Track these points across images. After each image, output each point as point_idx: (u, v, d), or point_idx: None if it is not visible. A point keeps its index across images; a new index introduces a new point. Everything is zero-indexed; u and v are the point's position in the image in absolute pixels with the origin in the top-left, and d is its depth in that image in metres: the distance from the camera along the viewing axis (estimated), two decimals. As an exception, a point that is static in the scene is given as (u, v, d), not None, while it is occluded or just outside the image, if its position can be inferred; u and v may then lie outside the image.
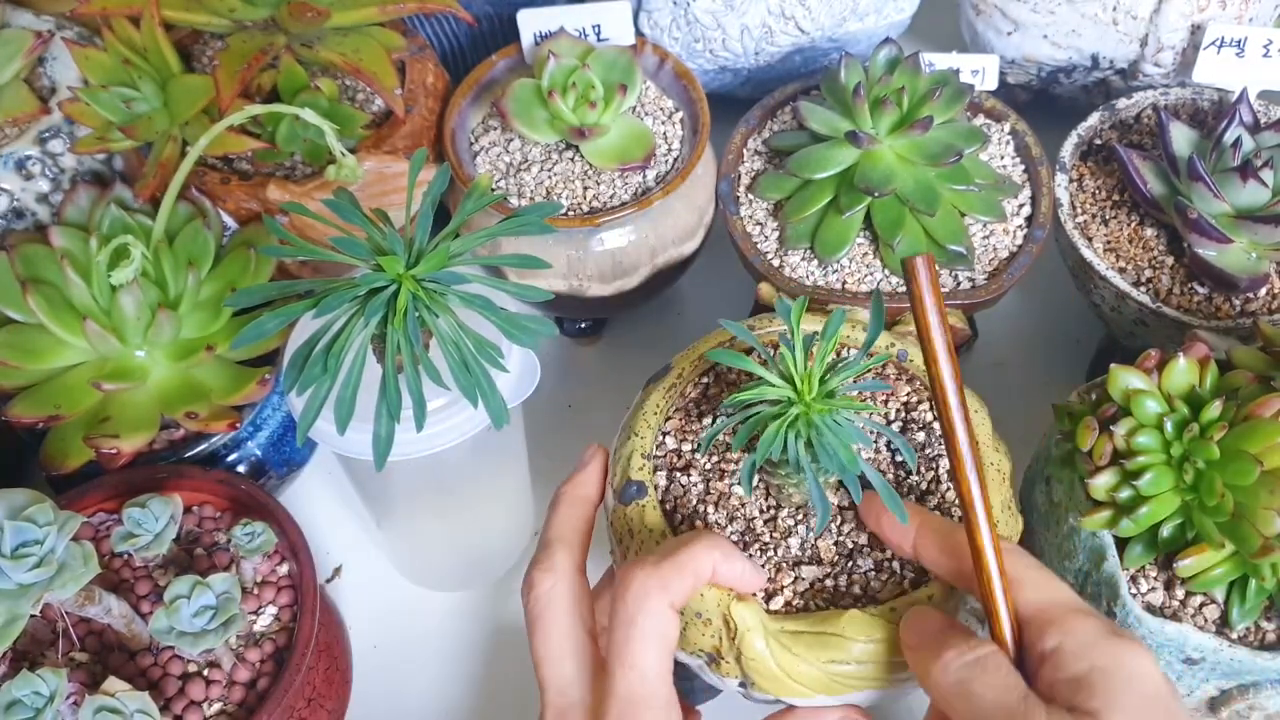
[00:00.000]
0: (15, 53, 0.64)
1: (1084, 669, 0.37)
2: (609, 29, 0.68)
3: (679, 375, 0.53)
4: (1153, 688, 0.37)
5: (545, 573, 0.43)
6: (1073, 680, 0.37)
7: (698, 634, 0.46)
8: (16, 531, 0.43)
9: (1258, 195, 0.58)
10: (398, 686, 0.61)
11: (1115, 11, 0.69)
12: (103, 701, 0.44)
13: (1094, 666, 0.37)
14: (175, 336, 0.56)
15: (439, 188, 0.46)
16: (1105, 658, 0.37)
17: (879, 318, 0.44)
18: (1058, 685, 0.37)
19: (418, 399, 0.44)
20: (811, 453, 0.43)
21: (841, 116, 0.61)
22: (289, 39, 0.64)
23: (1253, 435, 0.45)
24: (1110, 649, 0.37)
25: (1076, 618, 0.39)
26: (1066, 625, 0.39)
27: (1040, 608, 0.40)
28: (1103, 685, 0.36)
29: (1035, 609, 0.40)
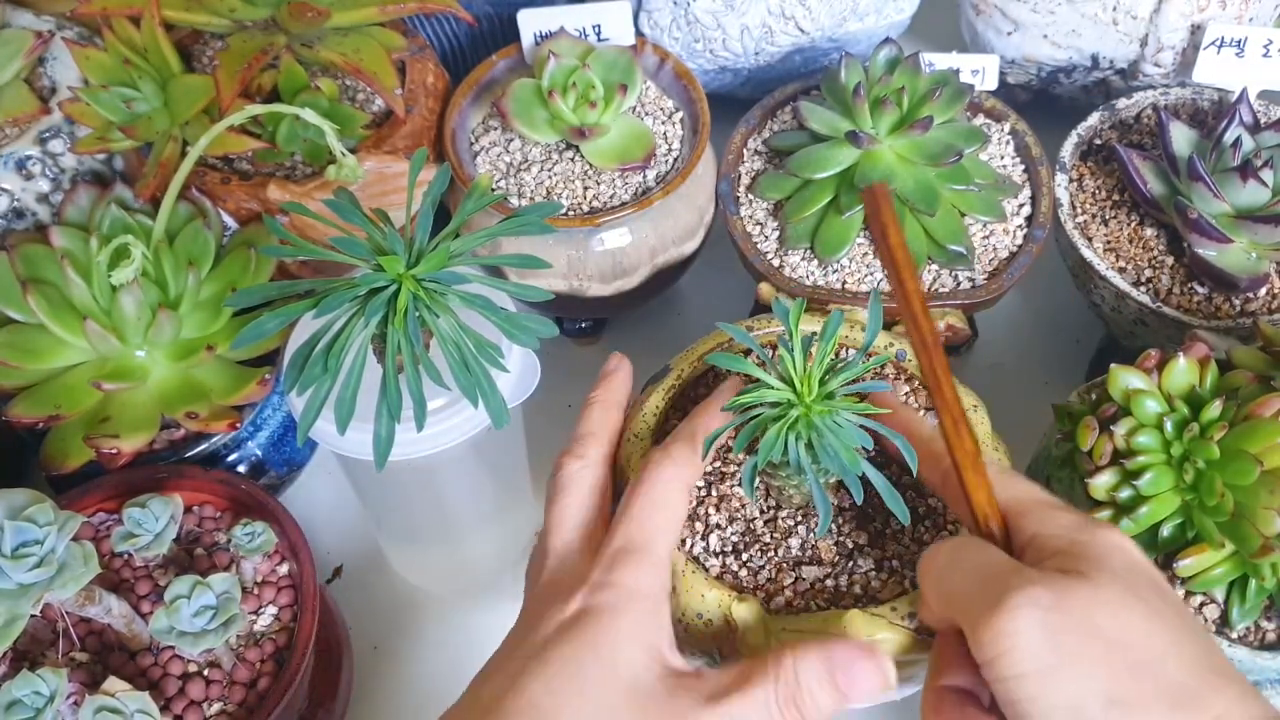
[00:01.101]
0: (15, 53, 0.64)
1: (1067, 544, 0.38)
2: (609, 29, 0.68)
3: (678, 377, 0.53)
4: (1134, 557, 0.38)
5: (576, 458, 0.46)
6: (1056, 554, 0.38)
7: (699, 634, 0.46)
8: (17, 531, 0.43)
9: (1258, 195, 0.58)
10: (398, 686, 0.61)
11: (1115, 11, 0.69)
12: (103, 701, 0.44)
13: (1075, 540, 0.38)
14: (175, 336, 0.56)
15: (439, 188, 0.46)
16: (1084, 534, 0.39)
17: (877, 318, 0.44)
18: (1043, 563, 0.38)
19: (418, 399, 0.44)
20: (812, 454, 0.43)
21: (841, 116, 0.61)
22: (289, 39, 0.64)
23: (1253, 435, 0.45)
24: (1088, 527, 0.39)
25: (1052, 509, 0.41)
26: (1043, 515, 0.40)
27: (1016, 502, 0.41)
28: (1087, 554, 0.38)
29: (1011, 504, 0.41)
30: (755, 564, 0.47)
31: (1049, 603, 0.36)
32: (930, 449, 0.44)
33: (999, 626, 0.36)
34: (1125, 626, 0.36)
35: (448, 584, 0.65)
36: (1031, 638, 0.35)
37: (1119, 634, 0.36)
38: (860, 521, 0.49)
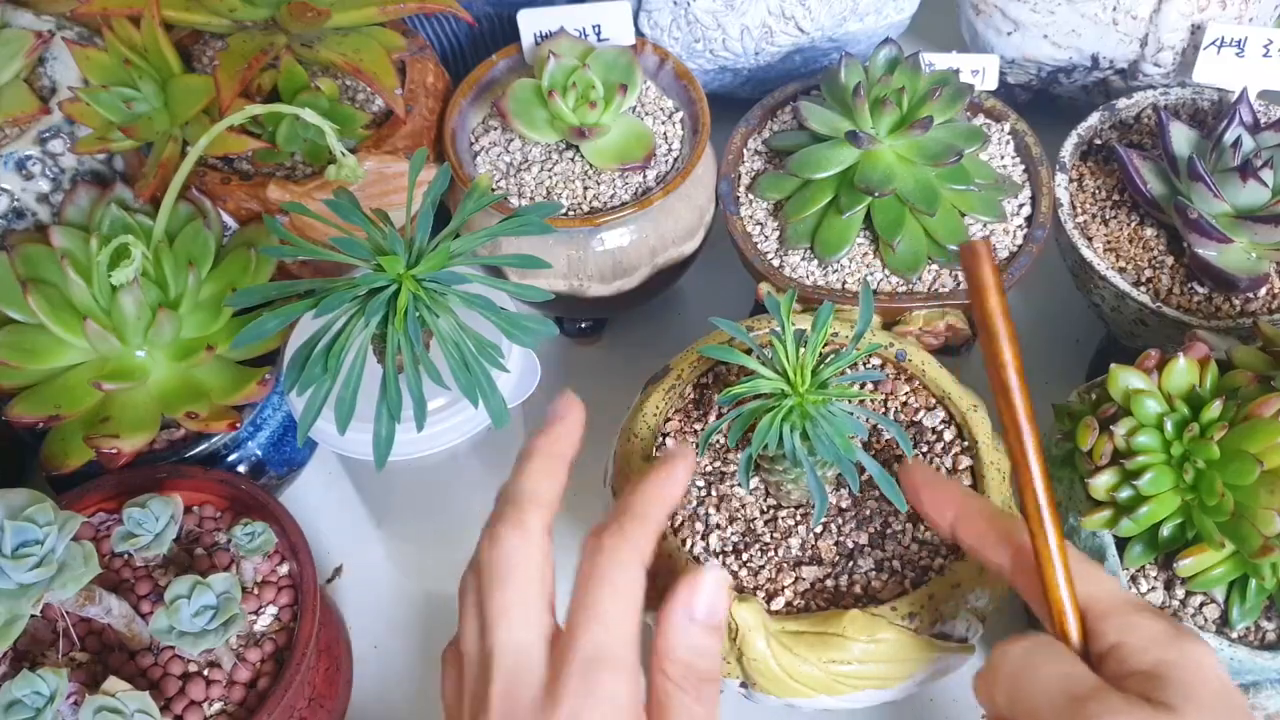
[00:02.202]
0: (15, 53, 0.64)
1: (1151, 663, 0.36)
2: (609, 29, 0.68)
3: (678, 377, 0.53)
4: (1222, 683, 0.36)
5: (517, 528, 0.38)
6: (1141, 674, 0.35)
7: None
8: (17, 531, 0.43)
9: (1257, 195, 0.58)
10: (398, 686, 0.61)
11: (1115, 11, 0.69)
12: (103, 701, 0.44)
13: (1162, 660, 0.36)
14: (175, 336, 0.56)
15: (439, 188, 0.46)
16: (1172, 651, 0.36)
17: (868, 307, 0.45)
18: (1125, 680, 0.36)
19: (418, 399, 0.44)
20: (808, 445, 0.43)
21: (841, 116, 0.61)
22: (289, 39, 0.64)
23: (1253, 435, 0.45)
24: (1175, 643, 0.36)
25: (1134, 612, 0.37)
26: (1127, 620, 0.37)
27: (1097, 600, 0.38)
28: (1175, 678, 0.35)
29: (1090, 602, 0.38)
30: (755, 564, 0.47)
31: None
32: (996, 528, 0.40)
33: None
34: None
35: (448, 584, 0.65)
36: None
37: None
38: (860, 522, 0.49)
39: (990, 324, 0.36)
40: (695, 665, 0.37)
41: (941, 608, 0.45)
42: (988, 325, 0.36)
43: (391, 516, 0.61)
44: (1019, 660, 0.37)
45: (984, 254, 0.35)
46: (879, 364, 0.54)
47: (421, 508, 0.59)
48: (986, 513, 0.41)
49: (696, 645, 0.37)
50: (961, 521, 0.42)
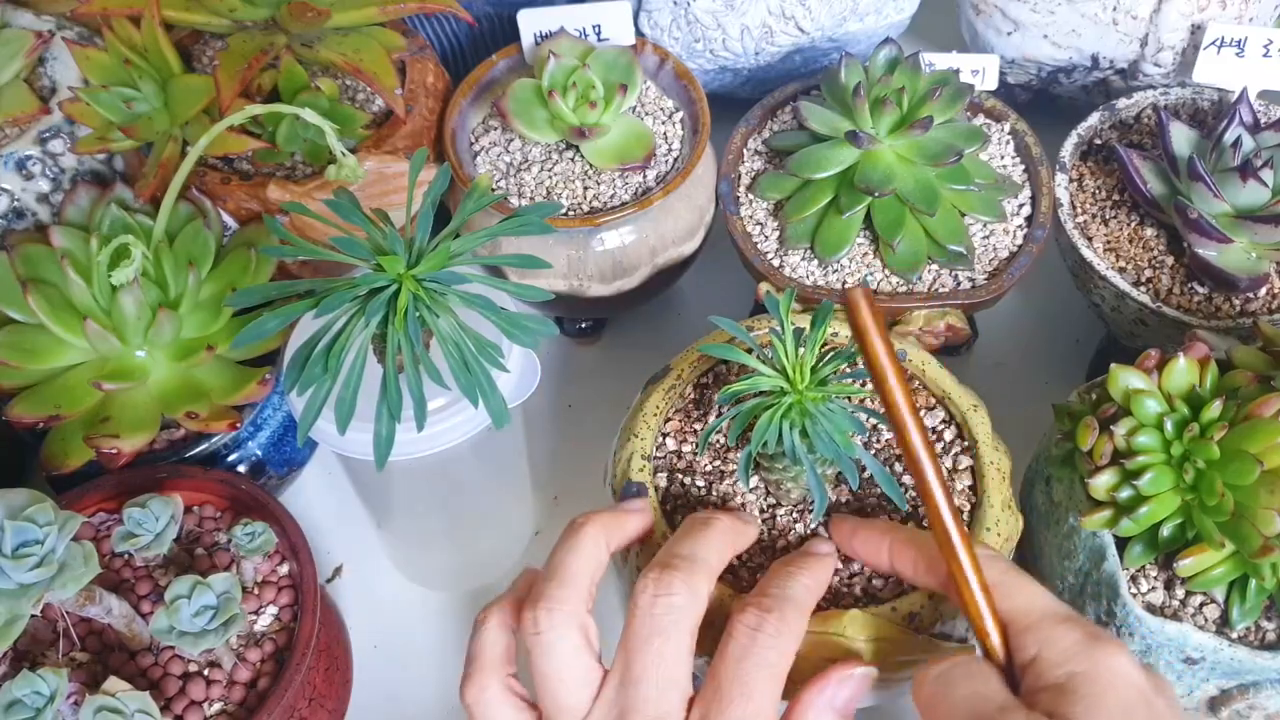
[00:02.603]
0: (15, 53, 0.64)
1: (1063, 676, 0.36)
2: (609, 29, 0.68)
3: (678, 376, 0.53)
4: (1132, 689, 0.36)
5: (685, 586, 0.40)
6: (1053, 688, 0.36)
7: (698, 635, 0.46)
8: (17, 531, 0.43)
9: (1258, 195, 0.58)
10: (398, 686, 0.61)
11: (1115, 11, 0.69)
12: (103, 701, 0.44)
13: (1073, 673, 0.36)
14: (175, 336, 0.56)
15: (439, 188, 0.46)
16: (1084, 662, 0.37)
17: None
18: (1039, 694, 0.37)
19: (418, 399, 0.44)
20: (808, 442, 0.43)
21: (841, 116, 0.61)
22: (289, 39, 0.64)
23: (1253, 435, 0.45)
24: (1088, 653, 0.37)
25: (1054, 624, 0.38)
26: (1044, 633, 0.38)
27: (1018, 614, 0.39)
28: (1083, 690, 0.36)
29: (1013, 616, 0.39)
30: (755, 563, 0.47)
31: None
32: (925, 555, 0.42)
33: None
34: None
35: (448, 584, 0.65)
36: None
37: None
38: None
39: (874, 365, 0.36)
40: None
41: (941, 608, 0.45)
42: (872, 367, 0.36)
43: (391, 516, 0.61)
44: (935, 682, 0.38)
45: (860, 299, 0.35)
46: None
47: (421, 508, 0.59)
48: (914, 541, 0.42)
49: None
50: (894, 554, 0.43)
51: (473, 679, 0.41)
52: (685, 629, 0.39)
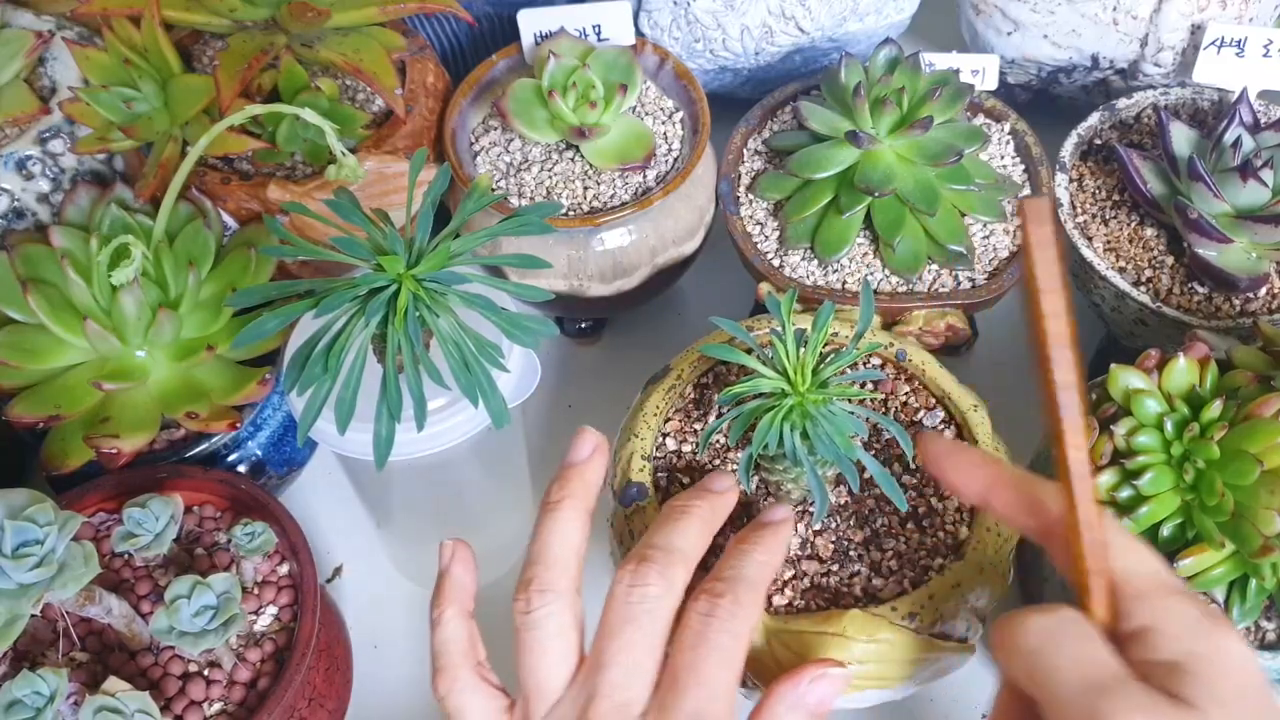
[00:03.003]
0: (16, 53, 0.64)
1: (1180, 653, 0.34)
2: (609, 29, 0.68)
3: (678, 376, 0.53)
4: (1251, 678, 0.34)
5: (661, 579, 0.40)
6: (1167, 665, 0.34)
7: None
8: (17, 531, 0.43)
9: (1258, 195, 0.58)
10: (398, 686, 0.61)
11: (1115, 11, 0.69)
12: (103, 701, 0.44)
13: (1190, 652, 0.34)
14: (176, 336, 0.56)
15: (439, 188, 0.46)
16: (1202, 643, 0.34)
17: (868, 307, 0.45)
18: (1150, 667, 0.34)
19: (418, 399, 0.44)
20: (808, 444, 0.43)
21: (842, 116, 0.61)
22: (289, 39, 0.64)
23: (1253, 435, 0.45)
24: (1207, 634, 0.34)
25: (1168, 595, 0.36)
26: (1161, 604, 0.35)
27: (1130, 577, 0.36)
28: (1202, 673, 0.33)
29: (1124, 578, 0.36)
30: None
31: None
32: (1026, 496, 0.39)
33: None
34: None
35: (448, 584, 0.65)
36: None
37: None
38: (860, 521, 0.49)
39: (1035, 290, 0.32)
40: None
41: (941, 607, 0.45)
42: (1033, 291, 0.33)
43: (391, 516, 0.61)
44: (1042, 636, 0.35)
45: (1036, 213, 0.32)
46: (879, 364, 0.54)
47: (421, 508, 0.59)
48: (1016, 480, 0.39)
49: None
50: (992, 490, 0.40)
51: (443, 672, 0.41)
52: (659, 618, 0.39)
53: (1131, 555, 0.37)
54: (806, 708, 0.40)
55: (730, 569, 0.41)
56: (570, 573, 0.40)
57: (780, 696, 0.40)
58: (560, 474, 0.42)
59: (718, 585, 0.40)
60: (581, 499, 0.42)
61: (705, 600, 0.39)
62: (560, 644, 0.39)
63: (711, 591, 0.39)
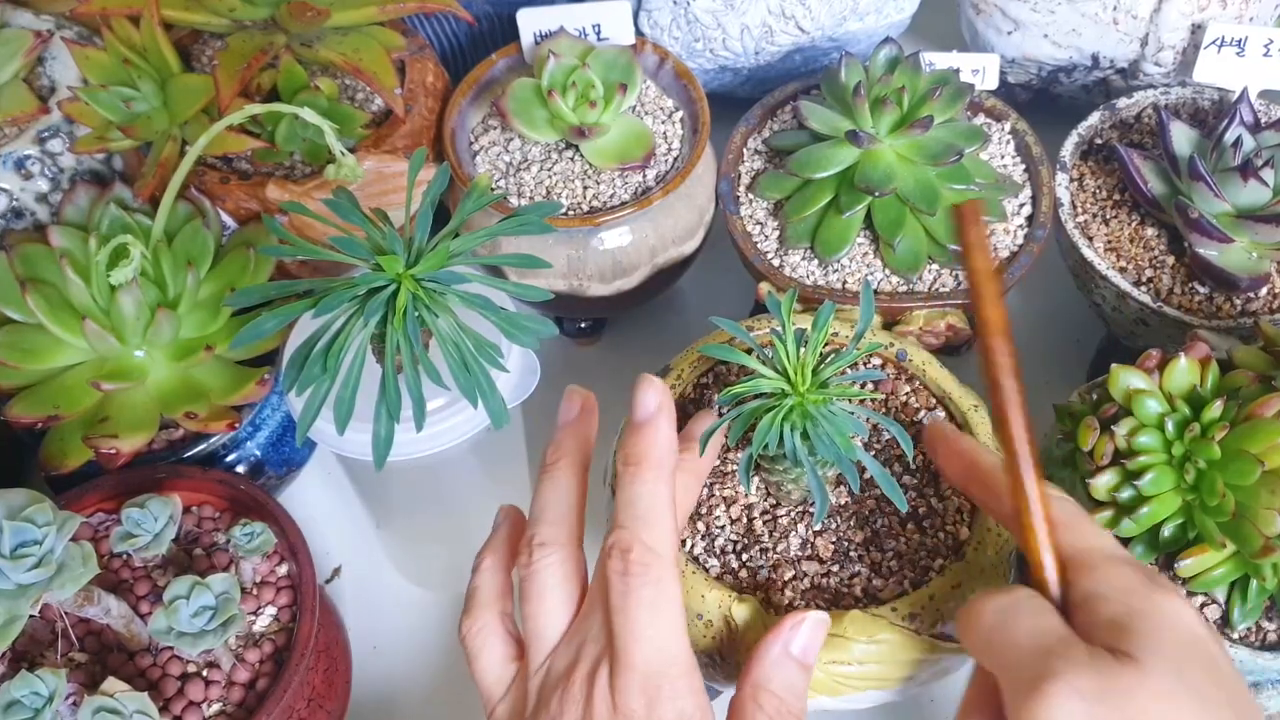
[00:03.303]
0: (15, 52, 0.64)
1: (1121, 613, 0.36)
2: (609, 28, 0.68)
3: (678, 377, 0.53)
4: (1191, 632, 0.36)
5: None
6: (1109, 623, 0.36)
7: (699, 635, 0.46)
8: (16, 532, 0.43)
9: (1258, 195, 0.58)
10: (398, 686, 0.61)
11: (1115, 11, 0.69)
12: (102, 702, 0.44)
13: (1131, 610, 0.36)
14: (174, 336, 0.56)
15: (439, 187, 0.46)
16: (1143, 602, 0.36)
17: (868, 307, 0.44)
18: (1094, 628, 0.36)
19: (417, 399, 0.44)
20: (808, 444, 0.43)
21: (842, 116, 0.61)
22: (289, 39, 0.63)
23: (1254, 435, 0.45)
24: (1147, 593, 0.37)
25: (1114, 564, 0.38)
26: (1103, 571, 0.38)
27: (1079, 553, 0.39)
28: (1140, 628, 0.35)
29: (1073, 554, 0.39)
30: (755, 564, 0.47)
31: (1091, 691, 0.34)
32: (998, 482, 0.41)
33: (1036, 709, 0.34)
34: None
35: (448, 584, 0.65)
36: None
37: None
38: (861, 522, 0.49)
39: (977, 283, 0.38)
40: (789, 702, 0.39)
41: (942, 608, 0.45)
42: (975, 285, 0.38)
43: (391, 516, 0.61)
44: (998, 614, 0.38)
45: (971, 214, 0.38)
46: (879, 364, 0.53)
47: (421, 508, 0.59)
48: (990, 467, 0.43)
49: (791, 681, 0.39)
50: (969, 475, 0.44)
51: (469, 613, 0.42)
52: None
53: (1079, 530, 0.39)
54: (792, 658, 0.40)
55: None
56: (568, 527, 0.41)
57: (765, 652, 0.40)
58: (553, 437, 0.43)
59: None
60: (576, 457, 0.42)
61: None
62: (557, 594, 0.40)
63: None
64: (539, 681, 0.39)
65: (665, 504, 0.39)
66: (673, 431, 0.40)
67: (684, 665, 0.38)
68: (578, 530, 0.41)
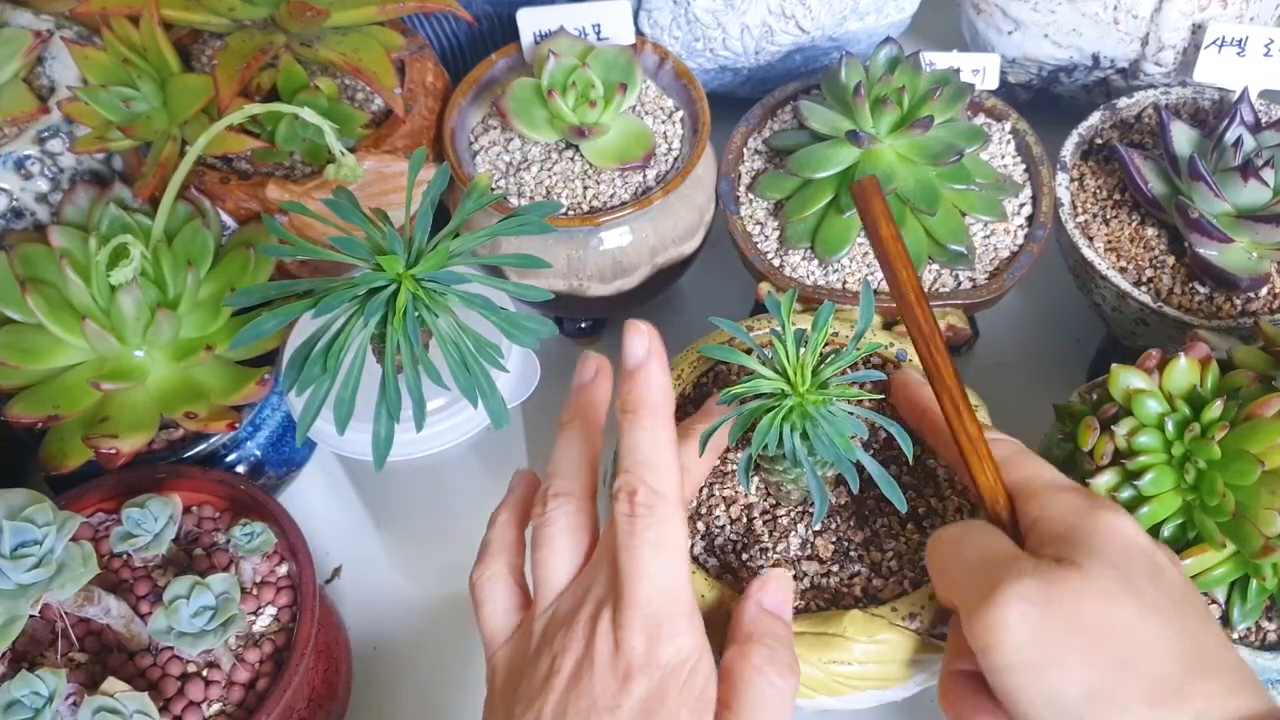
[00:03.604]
0: (14, 52, 0.64)
1: (1065, 529, 0.39)
2: (609, 28, 0.68)
3: (678, 377, 0.53)
4: (1133, 539, 0.38)
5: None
6: (1054, 538, 0.39)
7: (698, 634, 0.46)
8: (16, 532, 0.43)
9: (1259, 195, 0.58)
10: (398, 686, 0.61)
11: (1116, 11, 0.69)
12: (102, 702, 0.44)
13: (1075, 526, 0.39)
14: (174, 336, 0.56)
15: (438, 187, 0.46)
16: (1085, 518, 0.39)
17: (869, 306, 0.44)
18: (1041, 547, 0.39)
19: (417, 399, 0.44)
20: (808, 445, 0.43)
21: (842, 116, 0.61)
22: (288, 38, 0.63)
23: (1254, 435, 0.45)
24: (1090, 510, 0.39)
25: (1057, 491, 0.41)
26: (1049, 498, 0.41)
27: (1024, 484, 0.41)
28: (1082, 541, 0.38)
29: (1018, 487, 0.42)
30: (755, 564, 0.47)
31: (1037, 596, 0.36)
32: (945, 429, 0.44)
33: (987, 619, 0.37)
34: (1112, 619, 0.36)
35: (448, 584, 0.65)
36: (1018, 631, 0.36)
37: (1105, 627, 0.36)
38: (860, 522, 0.49)
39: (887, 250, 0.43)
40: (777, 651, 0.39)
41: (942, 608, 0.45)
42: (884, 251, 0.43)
43: (391, 516, 0.61)
44: (946, 543, 0.41)
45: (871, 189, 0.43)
46: (879, 364, 0.53)
47: (421, 508, 0.59)
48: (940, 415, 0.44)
49: (772, 630, 0.40)
50: (922, 421, 0.47)
51: (480, 562, 0.43)
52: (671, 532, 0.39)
53: (1028, 467, 0.42)
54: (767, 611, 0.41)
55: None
56: (581, 480, 0.42)
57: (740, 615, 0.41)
58: (569, 398, 0.44)
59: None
60: (590, 416, 0.43)
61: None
62: (567, 541, 0.41)
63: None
64: (543, 624, 0.40)
65: (667, 447, 0.39)
66: (665, 375, 0.40)
67: (686, 605, 0.38)
68: (591, 485, 0.42)
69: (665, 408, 0.40)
